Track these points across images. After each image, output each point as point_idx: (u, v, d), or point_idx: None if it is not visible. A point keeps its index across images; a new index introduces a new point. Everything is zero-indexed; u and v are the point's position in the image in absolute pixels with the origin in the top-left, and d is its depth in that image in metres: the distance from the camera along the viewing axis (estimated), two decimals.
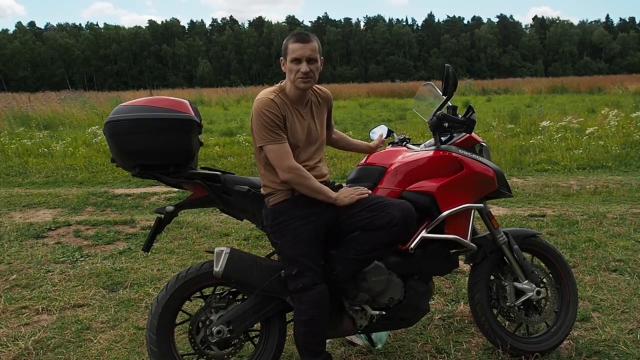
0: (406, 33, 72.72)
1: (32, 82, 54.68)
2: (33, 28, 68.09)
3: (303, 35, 1.53)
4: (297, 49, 1.50)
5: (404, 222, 1.51)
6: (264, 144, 1.51)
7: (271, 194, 1.58)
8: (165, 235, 3.37)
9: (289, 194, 1.56)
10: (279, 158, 1.50)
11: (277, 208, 1.57)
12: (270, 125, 1.49)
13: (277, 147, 1.50)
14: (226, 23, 75.83)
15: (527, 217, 3.65)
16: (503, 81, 25.64)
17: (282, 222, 1.55)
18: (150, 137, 1.49)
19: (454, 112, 1.78)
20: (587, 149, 6.06)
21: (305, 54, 1.50)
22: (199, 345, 1.63)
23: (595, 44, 69.17)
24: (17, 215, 4.04)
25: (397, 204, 1.53)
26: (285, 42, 1.55)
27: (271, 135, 1.50)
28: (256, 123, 1.51)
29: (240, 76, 60.92)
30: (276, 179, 1.56)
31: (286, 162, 1.50)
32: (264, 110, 1.49)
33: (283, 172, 1.51)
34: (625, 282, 2.49)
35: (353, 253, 1.56)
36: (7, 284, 2.64)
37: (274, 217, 1.57)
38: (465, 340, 1.99)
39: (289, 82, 1.55)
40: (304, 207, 1.56)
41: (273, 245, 1.63)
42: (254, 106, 1.52)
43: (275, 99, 1.52)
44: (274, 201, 1.58)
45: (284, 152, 1.51)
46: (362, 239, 1.56)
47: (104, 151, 6.74)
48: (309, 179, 1.53)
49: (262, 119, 1.49)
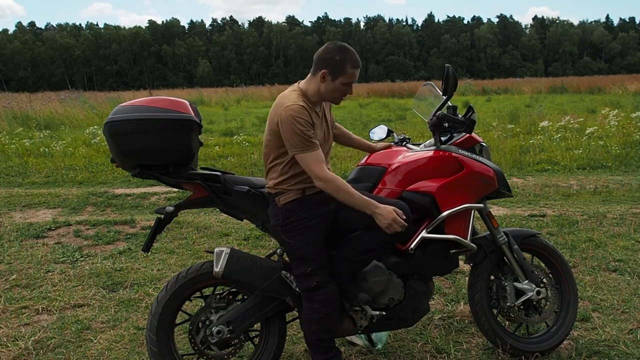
0: (406, 33, 72.73)
1: (32, 82, 54.69)
2: (33, 28, 68.09)
3: (358, 60, 1.54)
4: (356, 75, 1.52)
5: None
6: (297, 152, 1.47)
7: (281, 193, 1.57)
8: (165, 236, 3.37)
9: (300, 193, 1.56)
10: (314, 166, 1.48)
11: (289, 207, 1.56)
12: (305, 133, 1.46)
13: (312, 154, 1.47)
14: (226, 23, 75.84)
15: (527, 217, 3.65)
16: (503, 81, 25.65)
17: (295, 222, 1.54)
18: (150, 137, 1.49)
19: (454, 112, 1.78)
20: (587, 149, 6.06)
21: (356, 79, 1.54)
22: (199, 346, 1.63)
23: (595, 44, 69.17)
24: (17, 215, 4.04)
25: (393, 204, 1.53)
26: (339, 58, 1.49)
27: (305, 144, 1.46)
28: (289, 131, 1.45)
29: (240, 76, 60.93)
30: (288, 181, 1.54)
31: (321, 171, 1.48)
32: (298, 118, 1.44)
33: (318, 180, 1.49)
34: (625, 282, 2.49)
35: (349, 254, 1.57)
36: (7, 284, 2.63)
37: (285, 216, 1.56)
38: (465, 340, 1.99)
39: (319, 91, 1.52)
40: (316, 206, 1.56)
41: (283, 244, 1.61)
42: (284, 113, 1.45)
43: (305, 106, 1.48)
44: (285, 200, 1.56)
45: (318, 159, 1.48)
46: (357, 239, 1.56)
47: (103, 151, 6.74)
48: (345, 187, 1.50)
49: (297, 127, 1.44)
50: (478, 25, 74.90)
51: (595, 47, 69.28)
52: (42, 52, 59.71)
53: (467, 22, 77.57)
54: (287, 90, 1.57)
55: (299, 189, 1.56)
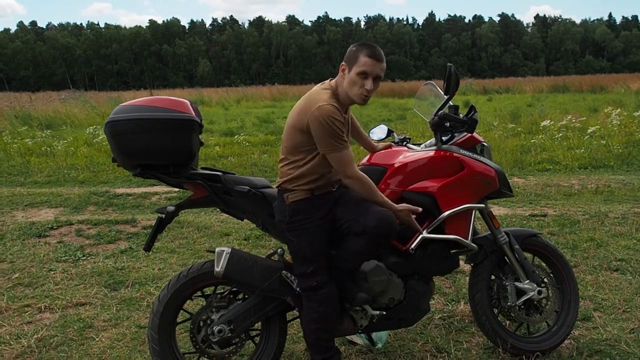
0: (407, 32, 72.63)
1: (34, 81, 54.81)
2: (34, 28, 68.21)
3: (378, 52, 1.49)
4: (369, 63, 1.46)
5: (377, 232, 1.49)
6: (329, 152, 1.48)
7: (291, 190, 1.57)
8: (166, 235, 3.37)
9: (309, 192, 1.56)
10: (346, 165, 1.50)
11: (297, 206, 1.56)
12: (338, 133, 1.46)
13: (343, 154, 1.49)
14: (226, 23, 75.82)
15: (528, 216, 3.64)
16: (504, 80, 25.56)
17: (301, 221, 1.55)
18: (150, 137, 1.49)
19: (456, 112, 1.78)
20: (589, 148, 6.04)
21: (374, 71, 1.48)
22: (200, 344, 1.63)
23: (597, 43, 68.93)
24: (20, 214, 4.05)
25: (375, 213, 1.51)
26: (355, 49, 1.49)
27: (338, 143, 1.47)
28: (322, 131, 1.45)
29: (240, 76, 60.94)
30: (302, 179, 1.54)
31: (352, 170, 1.51)
32: (333, 118, 1.44)
33: (347, 178, 1.52)
34: (626, 281, 2.48)
35: (338, 260, 1.59)
36: (10, 282, 2.65)
37: (292, 214, 1.56)
38: (466, 340, 1.99)
39: (344, 89, 1.51)
40: (323, 207, 1.56)
41: (286, 241, 1.62)
42: (317, 113, 1.44)
43: (337, 106, 1.48)
44: (294, 198, 1.56)
45: (350, 158, 1.50)
46: (345, 244, 1.57)
47: (105, 151, 6.76)
48: (372, 189, 1.53)
49: (331, 127, 1.44)
50: (479, 24, 74.73)
51: (598, 46, 69.05)
52: (44, 51, 59.83)
53: (468, 21, 77.42)
54: (317, 87, 1.56)
55: (308, 189, 1.56)
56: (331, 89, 1.53)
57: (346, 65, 1.51)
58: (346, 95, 1.52)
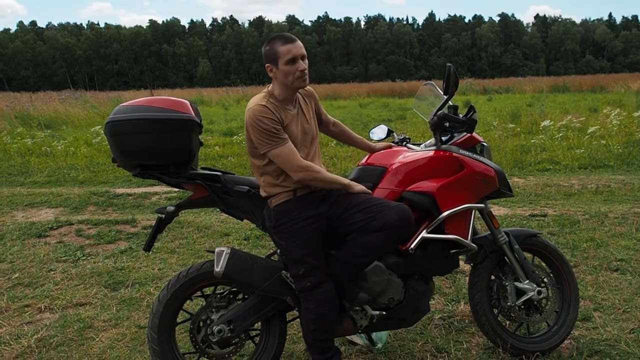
0: (407, 32, 72.60)
1: (34, 81, 54.82)
2: (34, 27, 68.23)
3: (287, 36, 1.51)
4: (290, 49, 1.48)
5: (400, 224, 1.50)
6: (268, 150, 1.49)
7: (273, 195, 1.58)
8: (166, 235, 3.37)
9: (291, 194, 1.56)
10: (288, 160, 1.50)
11: (280, 209, 1.57)
12: (270, 130, 1.47)
13: (283, 149, 1.49)
14: (226, 23, 75.87)
15: (528, 216, 3.64)
16: (504, 80, 25.57)
17: (286, 223, 1.55)
18: (150, 137, 1.49)
19: (455, 112, 1.78)
20: (589, 148, 6.04)
21: (299, 52, 1.50)
22: (200, 344, 1.63)
23: (597, 43, 68.94)
24: (20, 214, 4.05)
25: (393, 207, 1.52)
26: (269, 47, 1.51)
27: (273, 140, 1.48)
28: (254, 132, 1.48)
29: (240, 76, 60.95)
30: (275, 182, 1.56)
31: (295, 162, 1.50)
32: (260, 117, 1.47)
33: (294, 173, 1.51)
34: (626, 281, 2.48)
35: (348, 256, 1.57)
36: (10, 282, 2.65)
37: (277, 218, 1.57)
38: (466, 340, 1.99)
39: (280, 85, 1.53)
40: (307, 208, 1.56)
41: (277, 245, 1.63)
42: (247, 117, 1.49)
43: (267, 105, 1.50)
44: (277, 202, 1.57)
45: (290, 152, 1.50)
46: (358, 242, 1.56)
47: (105, 151, 6.76)
48: (321, 172, 1.55)
49: (260, 126, 1.47)
50: (479, 24, 74.74)
51: (598, 46, 69.05)
52: (44, 51, 59.85)
53: (468, 21, 77.44)
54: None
55: (288, 190, 1.56)
56: (267, 91, 1.56)
57: (271, 65, 1.52)
58: (284, 87, 1.54)
